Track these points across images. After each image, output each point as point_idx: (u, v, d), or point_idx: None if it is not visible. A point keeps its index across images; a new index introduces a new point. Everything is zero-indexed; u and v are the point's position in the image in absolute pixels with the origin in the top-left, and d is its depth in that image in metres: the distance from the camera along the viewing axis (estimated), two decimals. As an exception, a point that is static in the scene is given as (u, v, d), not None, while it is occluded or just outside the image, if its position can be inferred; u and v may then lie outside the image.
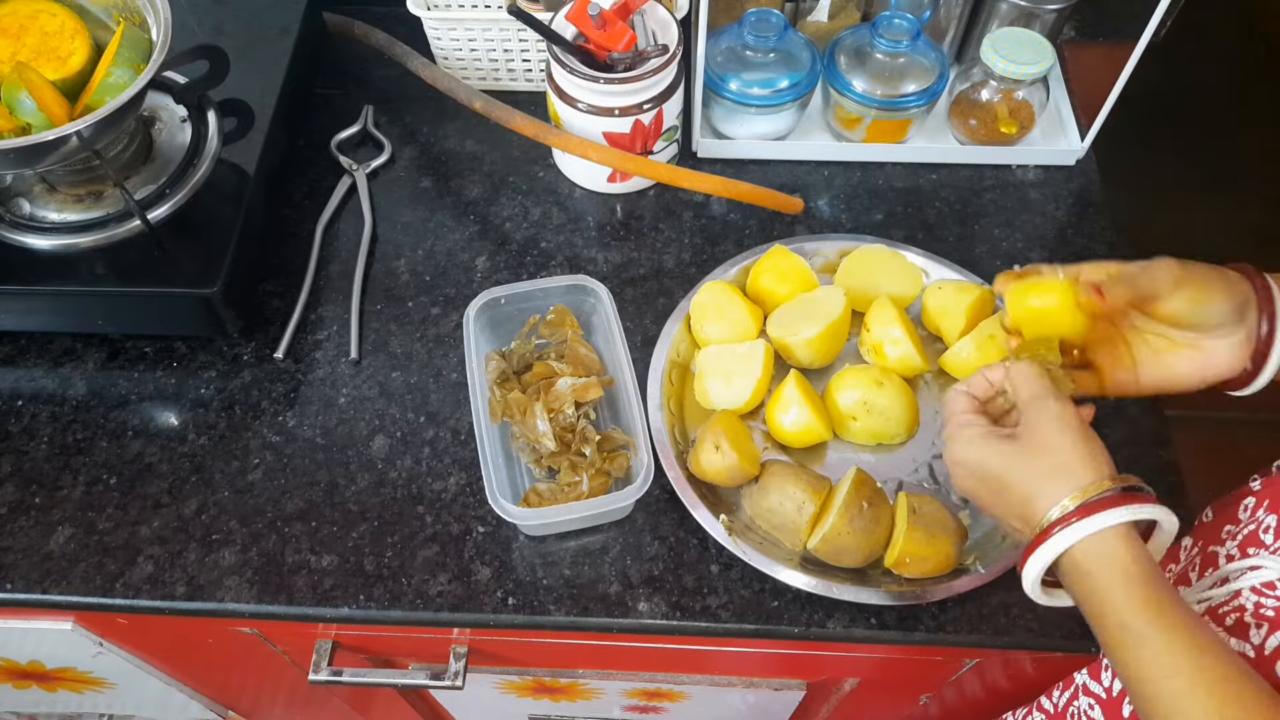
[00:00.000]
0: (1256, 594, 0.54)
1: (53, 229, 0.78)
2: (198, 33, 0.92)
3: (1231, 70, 1.06)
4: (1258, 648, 0.53)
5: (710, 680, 0.97)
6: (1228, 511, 0.62)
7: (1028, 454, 0.56)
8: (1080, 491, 0.53)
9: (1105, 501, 0.52)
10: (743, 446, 0.73)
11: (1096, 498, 0.53)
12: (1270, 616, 0.53)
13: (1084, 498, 0.53)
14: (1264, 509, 0.58)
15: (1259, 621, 0.53)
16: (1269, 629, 0.53)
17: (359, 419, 0.80)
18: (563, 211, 0.93)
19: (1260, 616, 0.54)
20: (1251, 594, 0.55)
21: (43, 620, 0.82)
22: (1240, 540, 0.58)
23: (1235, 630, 0.55)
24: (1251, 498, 0.60)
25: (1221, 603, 0.57)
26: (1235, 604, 0.55)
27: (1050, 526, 0.53)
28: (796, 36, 0.92)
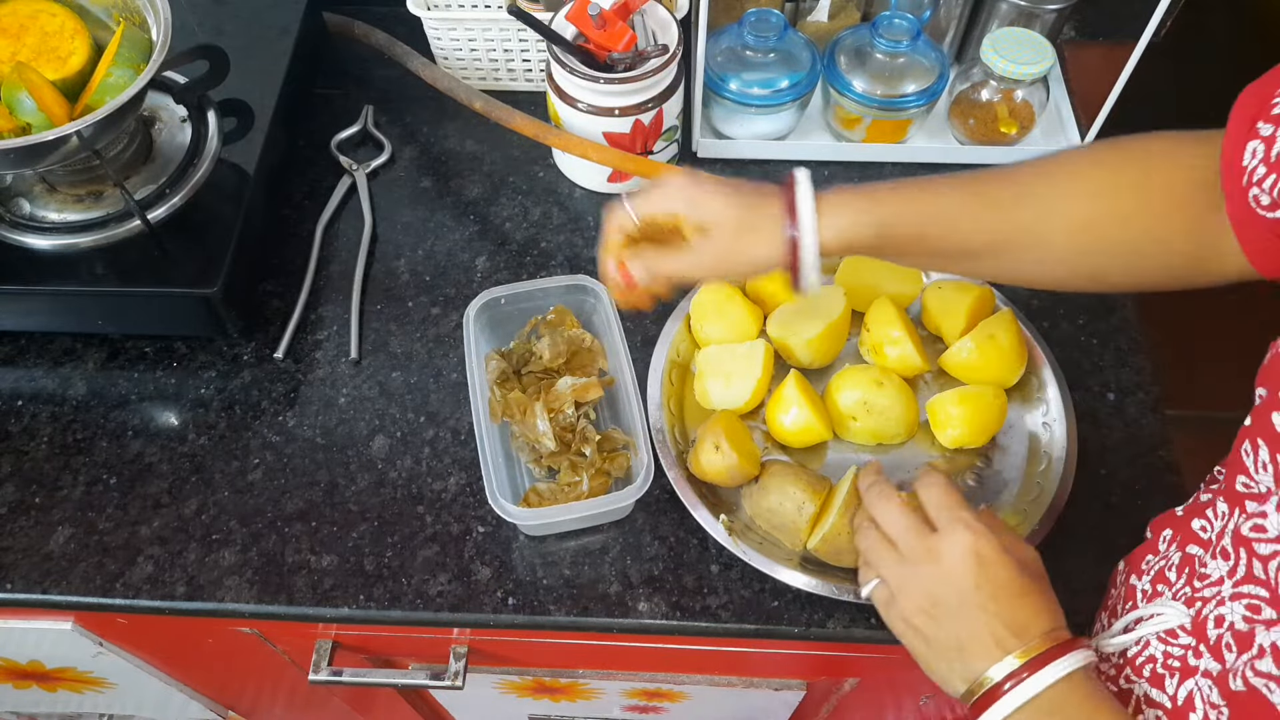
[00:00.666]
0: (1162, 642, 0.54)
1: (53, 229, 0.78)
2: (198, 33, 0.92)
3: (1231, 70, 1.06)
4: (1172, 697, 0.52)
5: (710, 680, 0.97)
6: (1155, 537, 0.61)
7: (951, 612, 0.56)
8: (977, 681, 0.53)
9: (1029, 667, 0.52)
10: (743, 446, 0.73)
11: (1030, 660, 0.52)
12: (1177, 666, 0.52)
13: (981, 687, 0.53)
14: (1174, 544, 0.57)
15: (1170, 672, 0.53)
16: (1180, 678, 0.52)
17: (359, 419, 0.80)
18: (563, 211, 0.93)
19: (1169, 667, 0.53)
20: (1158, 643, 0.54)
21: (43, 620, 0.82)
22: (1153, 575, 0.57)
23: (1153, 681, 0.54)
24: (1170, 528, 0.59)
25: (1136, 654, 0.56)
26: (1147, 653, 0.55)
27: (978, 696, 0.53)
28: (796, 36, 0.92)
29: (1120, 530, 0.75)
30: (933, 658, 0.56)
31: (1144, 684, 0.55)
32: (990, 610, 0.54)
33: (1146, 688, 0.54)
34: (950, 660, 0.55)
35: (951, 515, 0.57)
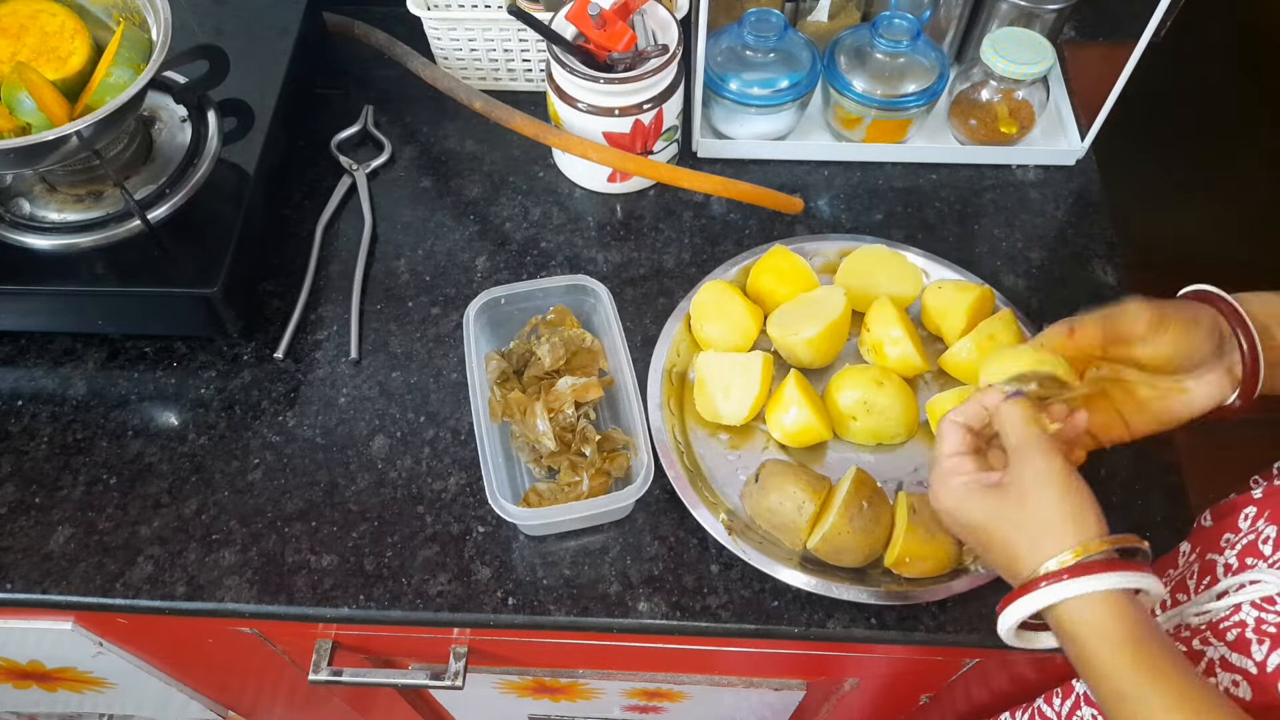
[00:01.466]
0: (1257, 609, 0.54)
1: (53, 229, 0.78)
2: (198, 33, 0.92)
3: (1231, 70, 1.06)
4: (1260, 664, 0.52)
5: (710, 680, 0.97)
6: (1228, 519, 0.62)
7: (1011, 508, 0.54)
8: (1069, 552, 0.51)
9: (1088, 566, 0.51)
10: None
11: (1082, 561, 0.51)
12: (1272, 633, 0.52)
13: (1073, 559, 0.51)
14: (1264, 519, 0.57)
15: (1260, 638, 0.53)
16: (1270, 646, 0.52)
17: (359, 419, 0.80)
18: (563, 211, 0.93)
19: (1261, 633, 0.53)
20: (1252, 609, 0.54)
21: (43, 620, 0.82)
22: (1239, 550, 0.58)
23: (1237, 646, 0.54)
24: (1253, 506, 0.59)
25: (1222, 617, 0.56)
26: (1236, 619, 0.55)
27: (1033, 581, 0.52)
28: (796, 36, 0.92)
29: (1120, 530, 0.75)
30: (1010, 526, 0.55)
31: (1222, 647, 0.55)
32: (1079, 499, 0.53)
33: (1225, 651, 0.54)
34: (1022, 537, 0.54)
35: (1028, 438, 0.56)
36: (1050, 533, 0.52)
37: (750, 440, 0.79)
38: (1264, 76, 1.02)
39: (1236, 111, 1.08)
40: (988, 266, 0.88)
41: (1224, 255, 1.01)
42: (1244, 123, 1.07)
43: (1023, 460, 0.55)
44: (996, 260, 0.89)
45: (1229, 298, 0.59)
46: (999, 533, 0.55)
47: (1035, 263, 0.89)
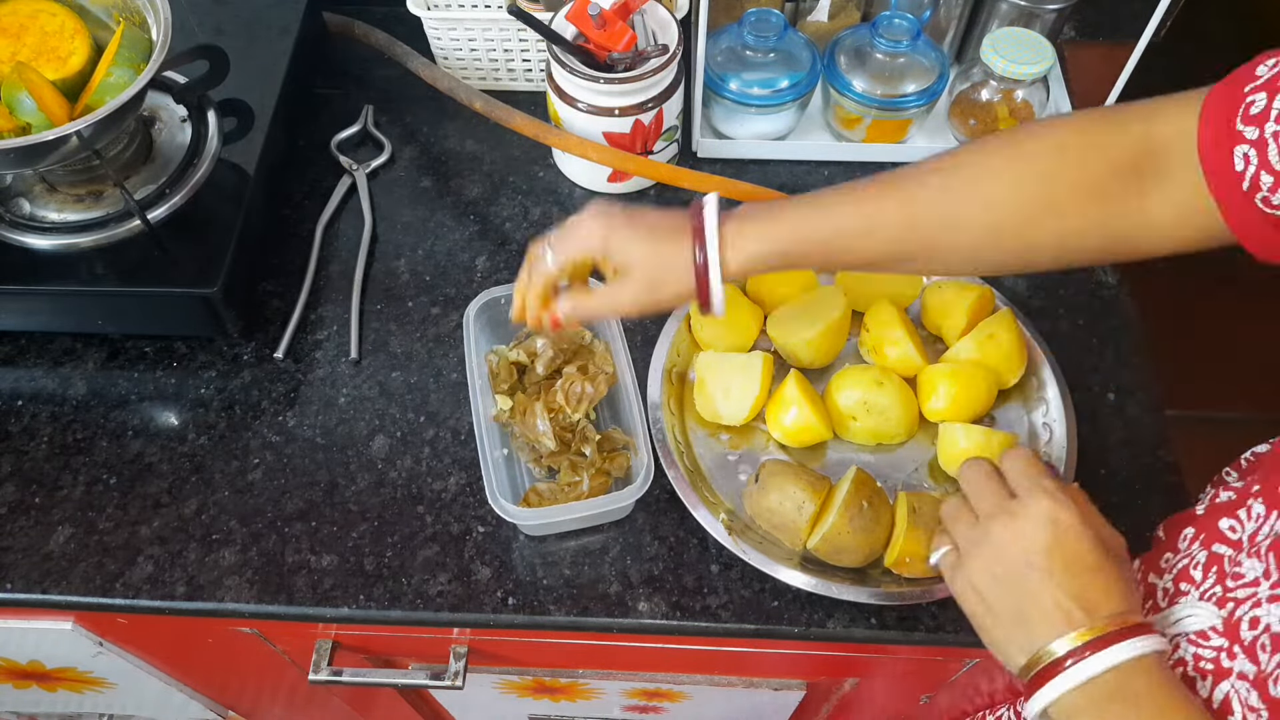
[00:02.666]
0: (1192, 644, 0.53)
1: (53, 229, 0.78)
2: (198, 33, 0.92)
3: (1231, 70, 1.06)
4: (1207, 700, 0.51)
5: (710, 680, 0.97)
6: (1171, 537, 0.60)
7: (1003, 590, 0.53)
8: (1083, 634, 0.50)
9: (1091, 647, 0.50)
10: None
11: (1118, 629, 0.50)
12: (1209, 669, 0.52)
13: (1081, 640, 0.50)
14: (1199, 542, 0.56)
15: (1201, 675, 0.52)
16: (1213, 680, 0.51)
17: (359, 419, 0.80)
18: (563, 211, 0.93)
19: (1201, 670, 0.52)
20: (1188, 644, 0.53)
21: (43, 620, 0.82)
22: (1175, 574, 0.57)
23: (1185, 683, 0.53)
24: (1191, 527, 0.58)
25: None
26: (1176, 655, 0.54)
27: (1035, 678, 0.51)
28: (796, 36, 0.92)
29: (1120, 530, 0.75)
30: (994, 625, 0.54)
31: None
32: (1059, 580, 0.51)
33: None
34: (1011, 629, 0.53)
35: (1033, 482, 0.55)
36: (1039, 618, 0.52)
37: (750, 440, 0.79)
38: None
39: (1236, 111, 1.08)
40: (988, 266, 0.88)
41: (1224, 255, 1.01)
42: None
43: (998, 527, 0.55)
44: (996, 260, 0.89)
45: (706, 211, 0.62)
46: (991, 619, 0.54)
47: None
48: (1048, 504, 0.54)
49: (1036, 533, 0.53)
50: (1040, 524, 0.53)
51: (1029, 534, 0.53)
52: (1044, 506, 0.54)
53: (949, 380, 0.76)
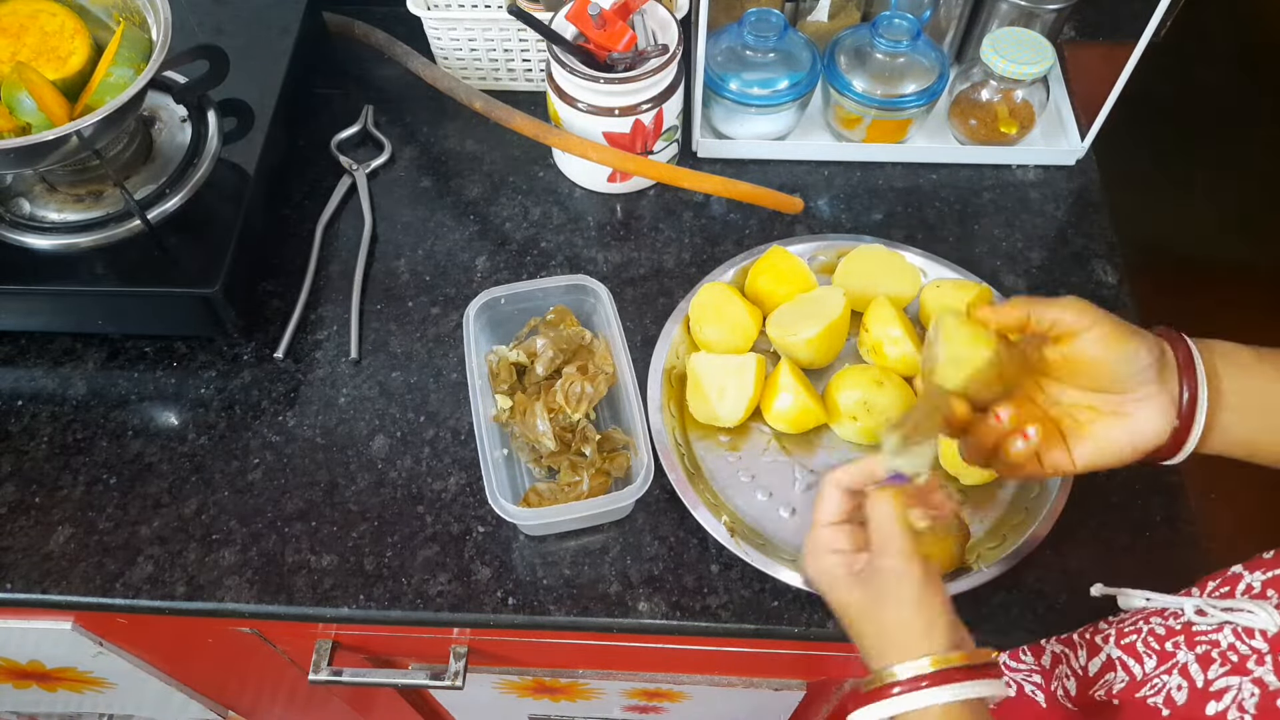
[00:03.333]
0: (1237, 635, 0.53)
1: (53, 229, 0.78)
2: (198, 33, 0.92)
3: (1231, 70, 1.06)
4: (1208, 681, 0.53)
5: (710, 680, 0.97)
6: None
7: (871, 605, 0.55)
8: (927, 659, 0.52)
9: (937, 678, 0.51)
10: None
11: (925, 673, 0.52)
12: (1234, 660, 0.52)
13: (931, 668, 0.52)
14: None
15: (1223, 660, 0.53)
16: (1229, 670, 0.52)
17: (359, 419, 0.80)
18: (563, 211, 0.93)
19: (1226, 657, 0.53)
20: (1233, 634, 0.53)
21: (43, 620, 0.82)
22: (1270, 578, 0.56)
23: (1202, 661, 0.54)
24: None
25: (1203, 630, 0.55)
26: (1214, 636, 0.54)
27: (884, 688, 0.53)
28: (796, 36, 0.92)
29: (1120, 530, 0.75)
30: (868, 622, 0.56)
31: (1191, 656, 0.55)
32: (931, 611, 0.54)
33: (1191, 659, 0.55)
34: (879, 635, 0.55)
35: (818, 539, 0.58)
36: (907, 639, 0.53)
37: (750, 441, 0.79)
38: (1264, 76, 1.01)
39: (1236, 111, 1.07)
40: (988, 266, 0.88)
41: (1224, 255, 1.01)
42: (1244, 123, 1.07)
43: (883, 555, 0.55)
44: (996, 260, 0.89)
45: (1187, 339, 0.58)
46: (860, 626, 0.56)
47: (1035, 263, 0.89)
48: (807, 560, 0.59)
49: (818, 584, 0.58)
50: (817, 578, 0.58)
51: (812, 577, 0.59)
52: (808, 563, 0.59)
53: None
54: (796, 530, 0.74)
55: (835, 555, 0.57)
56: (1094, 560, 0.73)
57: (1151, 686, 0.56)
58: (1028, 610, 0.71)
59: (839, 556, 0.57)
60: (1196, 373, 0.56)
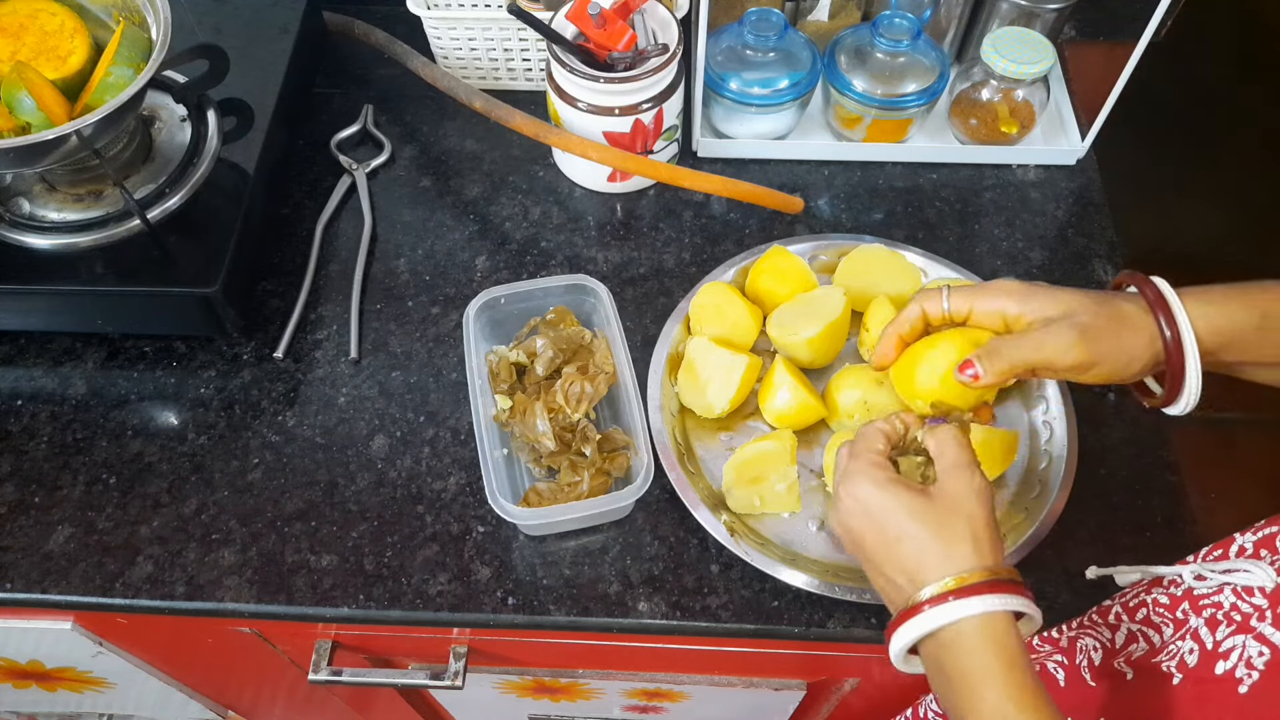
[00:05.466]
0: (1236, 595, 0.54)
1: (52, 228, 0.78)
2: (198, 32, 0.92)
3: (1231, 70, 1.06)
4: (1216, 642, 0.53)
5: (710, 680, 0.97)
6: None
7: (939, 514, 0.54)
8: (985, 571, 0.52)
9: (1006, 586, 0.52)
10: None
11: (1003, 580, 0.52)
12: (1238, 620, 0.53)
13: (990, 575, 0.52)
14: None
15: (1227, 621, 0.54)
16: (1233, 629, 0.53)
17: (359, 419, 0.80)
18: (563, 211, 0.93)
19: (1229, 617, 0.54)
20: (1232, 594, 0.55)
21: (42, 620, 0.82)
22: (1261, 538, 0.57)
23: (1210, 624, 0.55)
24: None
25: (1205, 593, 0.56)
26: (1216, 599, 0.55)
27: (946, 594, 0.52)
28: (797, 36, 0.91)
29: (1121, 530, 0.75)
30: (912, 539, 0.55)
31: (1200, 621, 0.55)
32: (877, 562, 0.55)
33: (1201, 624, 0.55)
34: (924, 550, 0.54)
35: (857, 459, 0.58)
36: (976, 548, 0.53)
37: (749, 439, 0.78)
38: (1265, 76, 1.02)
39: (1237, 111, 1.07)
40: (988, 266, 0.88)
41: (1224, 255, 1.01)
42: (1244, 123, 1.07)
43: (961, 478, 0.55)
44: (997, 260, 0.89)
45: (1155, 280, 0.59)
46: (915, 529, 0.54)
47: (1036, 262, 0.89)
48: (843, 486, 0.57)
49: (847, 518, 0.57)
50: (848, 506, 0.57)
51: (843, 511, 0.58)
52: (846, 490, 0.57)
53: None
54: (797, 530, 0.74)
55: (890, 472, 0.57)
56: (1094, 561, 0.72)
57: (1168, 653, 0.56)
58: (1028, 610, 0.71)
59: (894, 473, 0.57)
60: (1170, 306, 0.57)
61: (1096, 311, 0.57)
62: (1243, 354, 0.57)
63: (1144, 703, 0.56)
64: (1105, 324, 0.57)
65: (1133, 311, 0.58)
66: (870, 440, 0.59)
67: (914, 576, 0.54)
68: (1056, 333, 0.57)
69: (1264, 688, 0.49)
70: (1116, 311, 0.58)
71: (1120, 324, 0.57)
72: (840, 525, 0.59)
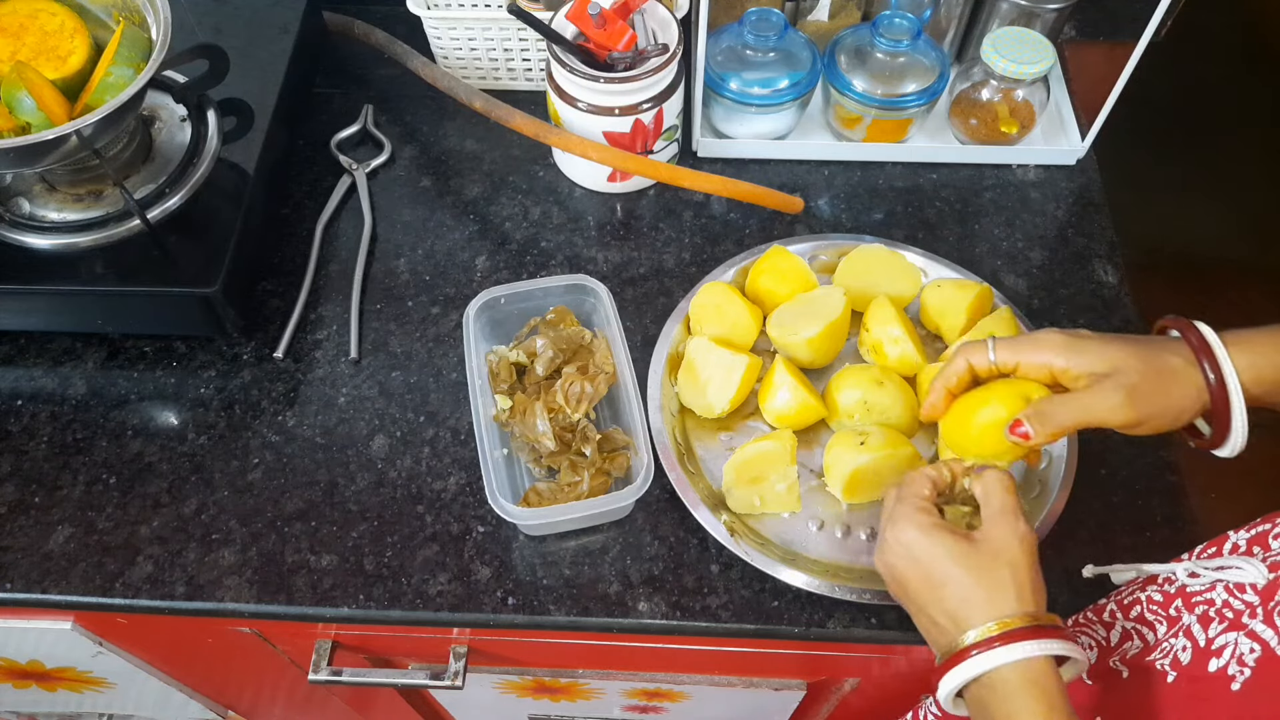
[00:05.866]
0: (1229, 591, 0.54)
1: (52, 228, 0.78)
2: (198, 32, 0.92)
3: (1231, 70, 1.06)
4: (1208, 640, 0.53)
5: (710, 680, 0.97)
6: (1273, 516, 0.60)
7: (983, 560, 0.55)
8: (1027, 617, 0.53)
9: (1051, 631, 0.53)
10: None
11: (1045, 625, 0.53)
12: (1230, 617, 0.53)
13: (1033, 621, 0.53)
14: None
15: (1220, 618, 0.54)
16: (1225, 627, 0.53)
17: (359, 419, 0.80)
18: (563, 211, 0.93)
19: (1221, 614, 0.54)
20: (1224, 590, 0.55)
21: (42, 620, 0.82)
22: (1254, 535, 0.57)
23: (1202, 620, 0.55)
24: None
25: (1198, 591, 0.57)
26: (1209, 595, 0.56)
27: (991, 639, 0.53)
28: (797, 36, 0.91)
29: (1121, 530, 0.75)
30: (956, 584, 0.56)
31: (1193, 618, 0.56)
32: (921, 602, 0.56)
33: (1194, 621, 0.55)
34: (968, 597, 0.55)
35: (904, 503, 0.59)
36: (1019, 594, 0.54)
37: (750, 440, 0.78)
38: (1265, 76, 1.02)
39: (1237, 111, 1.08)
40: (988, 266, 0.88)
41: (1224, 255, 1.01)
42: (1244, 123, 1.07)
43: (1006, 524, 0.56)
44: (997, 260, 0.89)
45: (1199, 326, 0.58)
46: (959, 573, 0.55)
47: (1036, 262, 0.89)
48: (889, 530, 0.59)
49: (892, 559, 0.58)
50: (893, 549, 0.58)
51: (888, 553, 0.59)
52: (892, 533, 0.58)
53: None
54: (797, 530, 0.74)
55: (936, 517, 0.58)
56: (1094, 560, 0.73)
57: (1161, 651, 0.57)
58: (1028, 610, 0.71)
59: (940, 519, 0.58)
60: (1215, 355, 0.56)
61: (1143, 370, 0.57)
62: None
63: (1139, 701, 0.56)
64: (1153, 382, 0.57)
65: (1178, 365, 0.57)
66: (917, 485, 0.60)
67: (958, 620, 0.55)
68: (1104, 394, 0.57)
69: (1256, 684, 0.49)
70: (1163, 366, 0.57)
71: (1168, 380, 0.57)
72: (885, 567, 0.59)
